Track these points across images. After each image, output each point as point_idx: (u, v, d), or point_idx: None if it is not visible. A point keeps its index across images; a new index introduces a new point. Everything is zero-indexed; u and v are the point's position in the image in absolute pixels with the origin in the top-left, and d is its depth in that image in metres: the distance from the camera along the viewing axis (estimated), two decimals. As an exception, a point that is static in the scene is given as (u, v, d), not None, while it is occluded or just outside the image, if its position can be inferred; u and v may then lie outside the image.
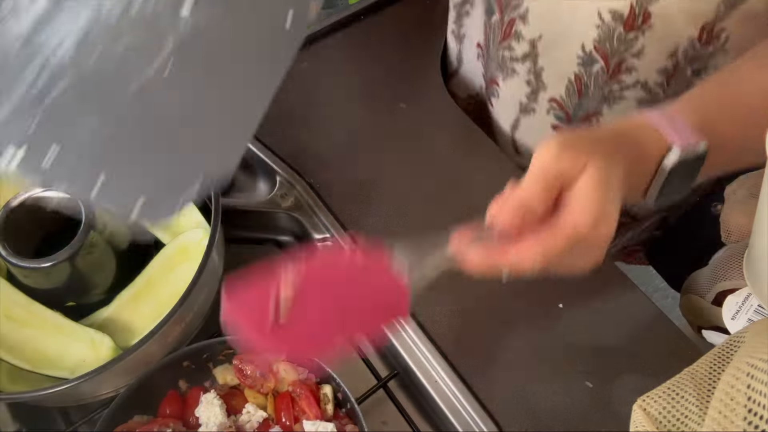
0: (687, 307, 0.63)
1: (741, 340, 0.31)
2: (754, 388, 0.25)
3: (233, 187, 0.68)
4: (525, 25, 0.61)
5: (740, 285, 0.55)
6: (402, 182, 0.65)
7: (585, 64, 0.60)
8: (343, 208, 0.63)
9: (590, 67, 0.60)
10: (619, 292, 0.60)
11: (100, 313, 0.53)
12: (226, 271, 0.57)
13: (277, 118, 0.69)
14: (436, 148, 0.68)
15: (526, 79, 0.66)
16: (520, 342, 0.56)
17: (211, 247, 0.49)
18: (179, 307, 0.47)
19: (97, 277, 0.53)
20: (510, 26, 0.62)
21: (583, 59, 0.59)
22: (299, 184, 0.64)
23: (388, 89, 0.72)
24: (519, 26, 0.61)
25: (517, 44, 0.63)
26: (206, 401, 0.50)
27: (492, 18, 0.65)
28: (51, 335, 0.50)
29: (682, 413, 0.30)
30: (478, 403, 0.53)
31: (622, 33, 0.55)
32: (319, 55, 0.75)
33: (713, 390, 0.29)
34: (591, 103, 0.63)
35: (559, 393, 0.54)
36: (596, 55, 0.58)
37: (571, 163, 0.37)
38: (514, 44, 0.63)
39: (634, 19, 0.53)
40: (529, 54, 0.63)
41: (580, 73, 0.61)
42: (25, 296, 0.51)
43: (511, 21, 0.62)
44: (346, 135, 0.68)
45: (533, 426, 0.52)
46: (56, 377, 0.49)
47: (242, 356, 0.52)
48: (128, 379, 0.49)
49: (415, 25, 0.79)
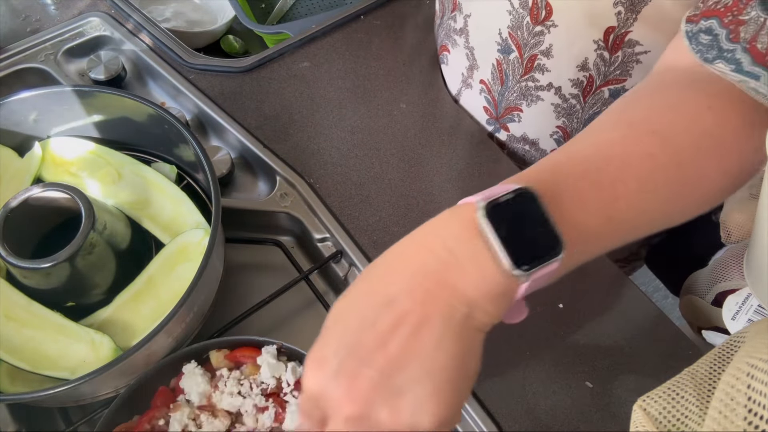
0: (687, 308, 0.63)
1: (741, 340, 0.31)
2: (755, 388, 0.25)
3: (233, 187, 0.68)
4: (465, 0, 0.63)
5: (740, 285, 0.55)
6: (402, 182, 0.65)
7: (503, 51, 0.62)
8: (343, 208, 0.63)
9: (507, 55, 0.61)
10: (619, 292, 0.60)
11: (100, 313, 0.53)
12: (226, 271, 0.57)
13: (277, 118, 0.69)
14: (436, 148, 0.68)
15: (465, 53, 0.68)
16: (520, 342, 0.56)
17: (211, 247, 0.49)
18: (179, 307, 0.47)
19: (97, 277, 0.53)
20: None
21: (501, 45, 0.61)
22: (299, 184, 0.64)
23: (388, 89, 0.73)
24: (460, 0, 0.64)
25: (459, 16, 0.65)
26: (188, 372, 0.50)
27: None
28: (51, 336, 0.50)
29: (682, 413, 0.30)
30: (478, 403, 0.53)
31: (530, 24, 0.56)
32: (319, 55, 0.75)
33: (713, 390, 0.29)
34: (511, 95, 0.65)
35: (559, 393, 0.54)
36: (511, 43, 0.60)
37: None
38: (457, 15, 0.66)
39: (538, 11, 0.54)
40: (462, 30, 0.66)
41: (501, 60, 0.63)
42: (25, 297, 0.51)
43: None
44: (346, 135, 0.68)
45: (533, 426, 0.52)
46: (56, 378, 0.49)
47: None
48: (128, 379, 0.49)
49: (415, 24, 0.79)
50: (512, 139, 0.71)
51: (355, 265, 0.59)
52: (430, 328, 0.32)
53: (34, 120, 0.59)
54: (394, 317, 0.32)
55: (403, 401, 0.31)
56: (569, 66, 0.58)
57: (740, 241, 0.59)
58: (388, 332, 0.32)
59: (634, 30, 0.52)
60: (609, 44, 0.54)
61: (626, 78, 0.57)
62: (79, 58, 0.74)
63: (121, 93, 0.59)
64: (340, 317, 0.34)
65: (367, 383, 0.31)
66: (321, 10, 0.97)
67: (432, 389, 0.32)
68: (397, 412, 0.31)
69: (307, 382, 0.34)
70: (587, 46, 0.55)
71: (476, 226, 0.33)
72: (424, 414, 0.31)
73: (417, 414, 0.31)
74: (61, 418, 0.53)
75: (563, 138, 0.67)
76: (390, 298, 0.33)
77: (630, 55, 0.55)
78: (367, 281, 0.35)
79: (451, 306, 0.32)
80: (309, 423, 0.35)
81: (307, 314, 0.61)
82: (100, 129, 0.62)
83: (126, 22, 0.76)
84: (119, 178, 0.59)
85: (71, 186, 0.51)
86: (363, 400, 0.31)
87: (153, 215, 0.58)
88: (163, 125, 0.58)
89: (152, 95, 0.75)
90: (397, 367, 0.32)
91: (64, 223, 0.55)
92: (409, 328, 0.32)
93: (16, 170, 0.58)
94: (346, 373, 0.32)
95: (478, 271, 0.32)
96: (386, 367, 0.32)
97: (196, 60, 0.73)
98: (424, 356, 0.32)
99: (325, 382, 0.32)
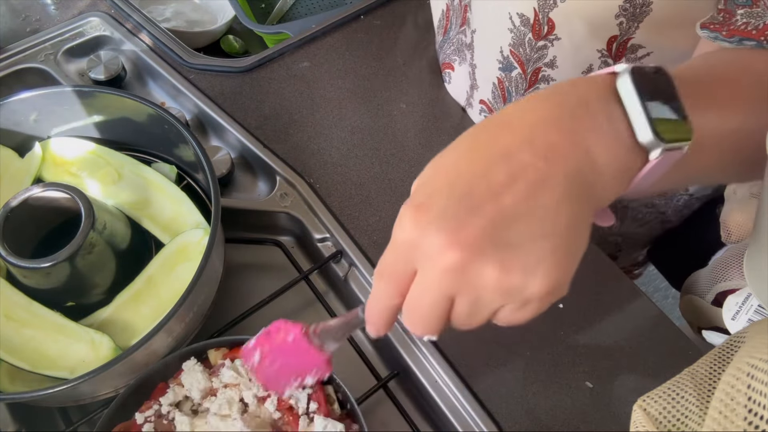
0: (687, 308, 0.63)
1: (741, 340, 0.31)
2: (755, 388, 0.25)
3: (233, 187, 0.68)
4: (471, 14, 0.63)
5: (740, 285, 0.55)
6: (402, 182, 0.65)
7: (505, 69, 0.61)
8: (343, 208, 0.63)
9: (509, 73, 0.61)
10: (619, 292, 0.60)
11: (100, 313, 0.53)
12: (226, 271, 0.57)
13: (277, 118, 0.69)
14: (435, 148, 0.68)
15: (468, 71, 0.67)
16: (520, 342, 0.56)
17: (211, 247, 0.49)
18: (179, 307, 0.47)
19: (97, 277, 0.53)
20: (465, 12, 0.64)
21: (502, 63, 0.61)
22: (299, 184, 0.64)
23: (388, 89, 0.73)
24: (469, 13, 0.63)
25: (468, 31, 0.65)
26: (187, 368, 0.50)
27: (454, 0, 0.67)
28: (51, 335, 0.50)
29: (682, 413, 0.30)
30: (478, 403, 0.52)
31: (533, 40, 0.55)
32: (319, 55, 0.75)
33: (713, 390, 0.29)
34: None
35: (559, 393, 0.54)
36: (513, 61, 0.59)
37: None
38: (467, 30, 0.65)
39: (539, 27, 0.54)
40: (470, 45, 0.65)
41: (502, 78, 0.62)
42: (25, 296, 0.51)
43: (465, 7, 0.64)
44: (346, 135, 0.68)
45: (533, 426, 0.52)
46: (56, 377, 0.49)
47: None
48: (128, 379, 0.49)
49: (415, 24, 0.79)
50: None
51: (355, 265, 0.59)
52: (552, 188, 0.28)
53: (34, 120, 0.60)
54: (511, 170, 0.28)
55: (515, 257, 0.28)
56: (574, 73, 0.57)
57: (740, 241, 0.59)
58: (503, 185, 0.28)
59: (636, 36, 0.52)
60: (613, 53, 0.54)
61: None
62: (79, 58, 0.74)
63: (121, 93, 0.59)
64: (442, 168, 0.30)
65: (476, 230, 0.27)
66: (321, 10, 0.97)
67: (548, 249, 0.28)
68: (507, 268, 0.28)
69: (402, 228, 0.29)
70: (591, 54, 0.55)
71: (614, 92, 0.30)
72: (537, 275, 0.28)
73: (529, 273, 0.28)
74: (61, 418, 0.53)
75: None
76: (506, 150, 0.28)
77: (633, 60, 0.55)
78: (475, 136, 0.30)
79: (578, 169, 0.28)
80: (390, 284, 0.31)
81: (307, 314, 0.61)
82: (100, 129, 0.62)
83: (126, 22, 0.76)
84: (119, 178, 0.59)
85: (71, 186, 0.51)
86: (470, 247, 0.27)
87: (153, 215, 0.58)
88: (163, 125, 0.58)
89: (152, 95, 0.75)
90: (511, 220, 0.28)
91: (64, 223, 0.55)
92: (528, 183, 0.28)
93: (17, 170, 0.58)
94: (454, 218, 0.28)
95: (612, 134, 0.29)
96: (499, 219, 0.27)
97: (196, 60, 0.73)
98: (542, 216, 0.28)
99: (426, 226, 0.28)
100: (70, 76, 0.72)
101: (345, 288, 0.61)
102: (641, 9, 0.49)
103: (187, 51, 0.74)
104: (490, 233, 0.27)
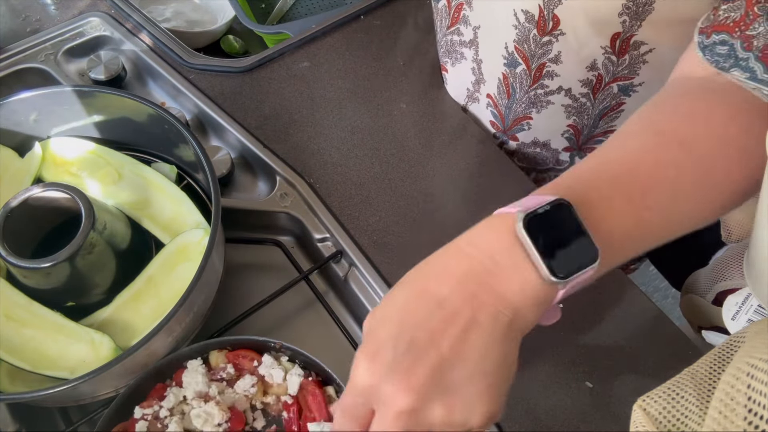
0: (687, 307, 0.63)
1: (741, 340, 0.31)
2: (755, 388, 0.25)
3: (233, 187, 0.68)
4: (471, 11, 0.63)
5: (740, 285, 0.55)
6: (402, 182, 0.65)
7: (509, 65, 0.62)
8: (343, 208, 0.63)
9: (514, 69, 0.61)
10: (619, 292, 0.60)
11: (100, 313, 0.53)
12: (226, 271, 0.57)
13: (277, 118, 0.69)
14: (436, 148, 0.68)
15: (472, 67, 0.68)
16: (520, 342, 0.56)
17: (211, 247, 0.49)
18: (179, 307, 0.47)
19: (97, 277, 0.53)
20: (458, 11, 0.64)
21: (507, 59, 0.61)
22: (299, 184, 0.64)
23: (388, 89, 0.73)
24: (466, 11, 0.63)
25: (464, 29, 0.65)
26: (192, 367, 0.50)
27: (439, 2, 0.67)
28: (51, 335, 0.50)
29: (682, 413, 0.30)
30: (478, 403, 0.52)
31: (537, 36, 0.56)
32: (319, 55, 0.75)
33: (713, 390, 0.29)
34: (519, 106, 0.65)
35: (559, 393, 0.54)
36: (517, 57, 0.60)
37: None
38: (462, 28, 0.65)
39: (544, 23, 0.54)
40: (473, 41, 0.65)
41: (507, 74, 0.63)
42: (25, 296, 0.51)
43: (458, 6, 0.64)
44: (346, 135, 0.68)
45: (533, 426, 0.52)
46: (56, 377, 0.49)
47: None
48: (128, 379, 0.49)
49: (415, 24, 0.79)
50: (522, 145, 0.71)
51: (355, 265, 0.59)
52: (479, 331, 0.33)
53: (34, 120, 0.60)
54: (445, 316, 0.33)
55: (457, 397, 0.33)
56: (579, 68, 0.58)
57: (741, 240, 0.59)
58: (440, 331, 0.33)
59: (639, 33, 0.52)
60: (616, 49, 0.54)
61: (634, 76, 0.58)
62: (79, 58, 0.74)
63: (121, 93, 0.59)
64: (388, 317, 0.35)
65: (422, 378, 0.32)
66: (321, 10, 0.97)
67: (483, 388, 0.33)
68: (451, 410, 0.33)
69: (358, 376, 0.34)
70: (595, 50, 0.55)
71: (515, 237, 0.34)
72: (476, 411, 0.33)
73: (468, 412, 0.33)
74: (61, 418, 0.53)
75: (574, 135, 0.67)
76: (441, 299, 0.34)
77: (636, 57, 0.55)
78: (412, 285, 0.36)
79: (497, 311, 0.33)
80: (351, 421, 0.35)
81: (307, 314, 0.61)
82: (100, 129, 0.62)
83: (126, 22, 0.76)
84: (119, 178, 0.59)
85: (71, 186, 0.51)
86: (418, 394, 0.32)
87: (153, 215, 0.58)
88: (163, 125, 0.58)
89: (152, 95, 0.75)
90: (449, 365, 0.33)
91: (64, 223, 0.55)
92: (459, 328, 0.33)
93: (17, 170, 0.58)
94: (402, 367, 0.32)
95: (520, 280, 0.34)
96: (439, 365, 0.32)
97: (196, 60, 0.73)
98: (475, 358, 0.33)
99: (380, 374, 0.33)
100: (70, 76, 0.72)
101: (345, 288, 0.61)
102: (644, 8, 0.49)
103: (187, 51, 0.74)
104: (435, 378, 0.32)
